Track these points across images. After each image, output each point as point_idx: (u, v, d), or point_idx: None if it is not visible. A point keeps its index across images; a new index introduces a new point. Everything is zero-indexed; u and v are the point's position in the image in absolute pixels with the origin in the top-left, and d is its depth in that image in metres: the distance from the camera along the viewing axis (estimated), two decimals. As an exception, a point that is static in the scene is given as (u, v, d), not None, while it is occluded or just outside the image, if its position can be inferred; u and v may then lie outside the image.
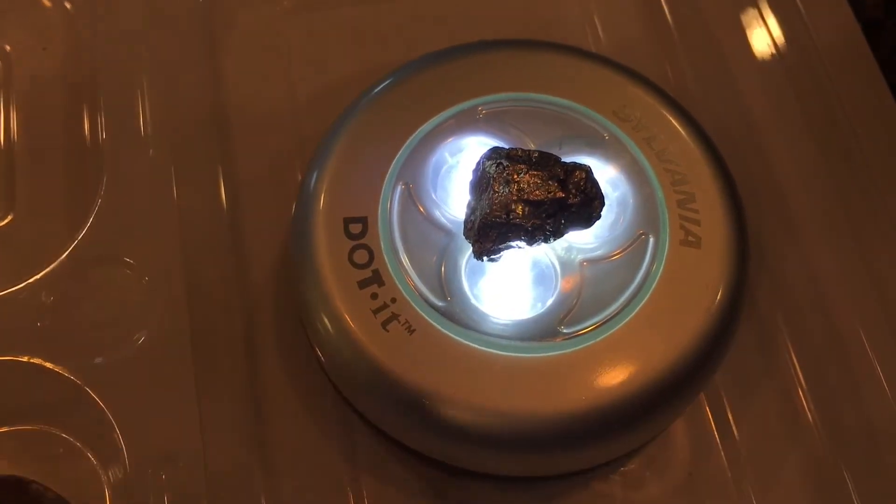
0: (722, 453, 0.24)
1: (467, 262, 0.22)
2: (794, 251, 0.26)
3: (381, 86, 0.25)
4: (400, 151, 0.23)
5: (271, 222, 0.26)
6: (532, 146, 0.23)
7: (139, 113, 0.26)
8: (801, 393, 0.24)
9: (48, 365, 0.22)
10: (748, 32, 0.29)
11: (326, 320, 0.22)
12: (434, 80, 0.24)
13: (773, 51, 0.28)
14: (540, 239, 0.21)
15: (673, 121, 0.24)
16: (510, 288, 0.22)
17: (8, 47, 0.28)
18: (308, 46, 0.29)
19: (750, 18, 0.29)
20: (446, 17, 0.29)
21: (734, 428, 0.24)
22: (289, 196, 0.25)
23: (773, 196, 0.27)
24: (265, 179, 0.27)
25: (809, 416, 0.24)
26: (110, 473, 0.22)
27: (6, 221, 0.25)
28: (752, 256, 0.23)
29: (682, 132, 0.24)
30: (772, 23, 0.29)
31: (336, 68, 0.28)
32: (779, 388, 0.24)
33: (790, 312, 0.25)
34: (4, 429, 0.22)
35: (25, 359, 0.22)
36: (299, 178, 0.26)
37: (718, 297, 0.22)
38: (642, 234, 0.23)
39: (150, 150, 0.25)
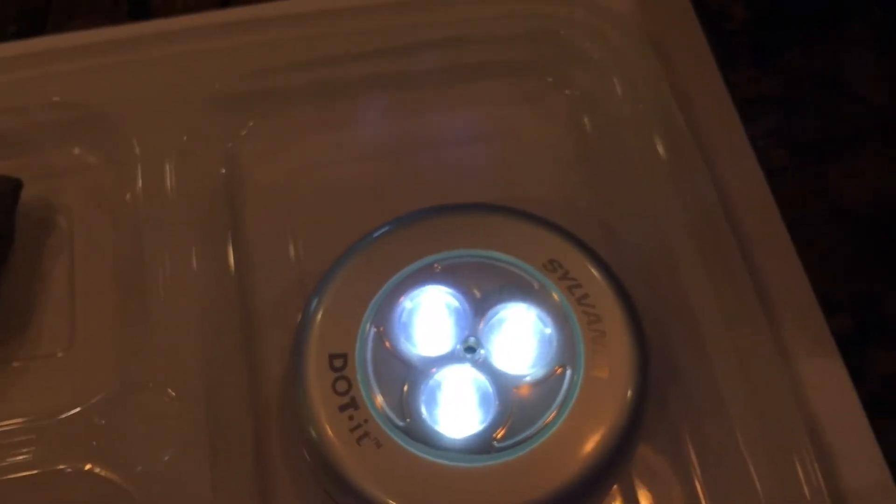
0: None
1: (424, 390, 0.29)
2: (700, 371, 0.32)
3: (361, 243, 0.31)
4: (373, 299, 0.30)
5: (277, 349, 0.32)
6: (478, 294, 0.30)
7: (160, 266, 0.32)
8: (698, 486, 0.30)
9: (102, 473, 0.28)
10: (663, 187, 0.35)
11: (315, 436, 0.28)
12: (402, 240, 0.31)
13: (684, 196, 0.34)
14: None
15: (592, 269, 0.30)
16: (456, 410, 0.29)
17: (68, 204, 0.35)
18: (310, 199, 0.35)
19: (665, 173, 0.35)
20: (423, 173, 0.36)
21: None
22: (291, 325, 0.31)
23: (685, 318, 0.32)
24: (273, 308, 0.33)
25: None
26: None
27: (68, 352, 0.32)
28: (655, 380, 0.29)
29: (599, 278, 0.30)
30: (684, 173, 0.35)
31: (334, 217, 0.35)
32: (681, 480, 0.30)
33: (693, 417, 0.31)
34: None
35: (87, 466, 0.28)
36: (301, 307, 0.33)
37: (621, 416, 0.28)
38: (562, 366, 0.29)
39: (180, 299, 0.31)
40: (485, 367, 0.29)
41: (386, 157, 0.36)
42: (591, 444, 0.28)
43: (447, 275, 0.30)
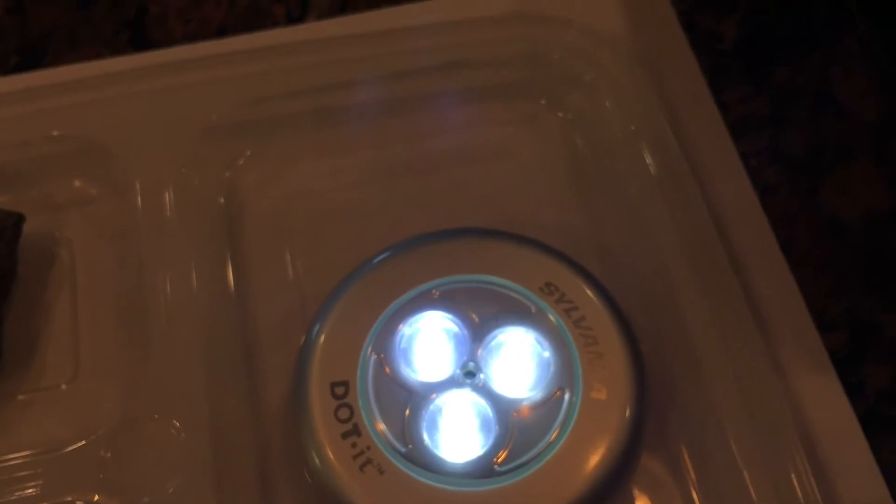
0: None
1: (425, 416, 0.29)
2: (697, 388, 0.32)
3: (360, 270, 0.32)
4: (373, 326, 0.30)
5: (279, 375, 0.32)
6: (476, 319, 0.30)
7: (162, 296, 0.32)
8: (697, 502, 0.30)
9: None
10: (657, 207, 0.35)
11: (318, 463, 0.28)
12: (400, 266, 0.31)
13: (677, 216, 0.35)
14: None
15: (587, 292, 0.31)
16: (457, 435, 0.29)
17: (70, 236, 0.35)
18: (308, 225, 0.36)
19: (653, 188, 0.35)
20: (419, 197, 0.36)
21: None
22: (293, 351, 0.32)
23: (681, 336, 0.33)
24: (274, 336, 0.34)
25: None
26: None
27: (72, 384, 0.32)
28: (653, 398, 0.30)
29: (595, 300, 0.31)
30: (676, 193, 0.35)
31: (333, 242, 0.35)
32: (681, 495, 0.30)
33: (691, 434, 0.31)
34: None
35: (95, 498, 0.29)
36: (302, 334, 0.33)
37: (621, 436, 0.28)
38: (560, 388, 0.29)
39: (182, 328, 0.32)
40: (484, 391, 0.29)
41: (382, 182, 0.37)
42: (591, 465, 0.28)
43: (445, 300, 0.31)
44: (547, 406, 0.29)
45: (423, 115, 0.38)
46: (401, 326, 0.30)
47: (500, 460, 0.28)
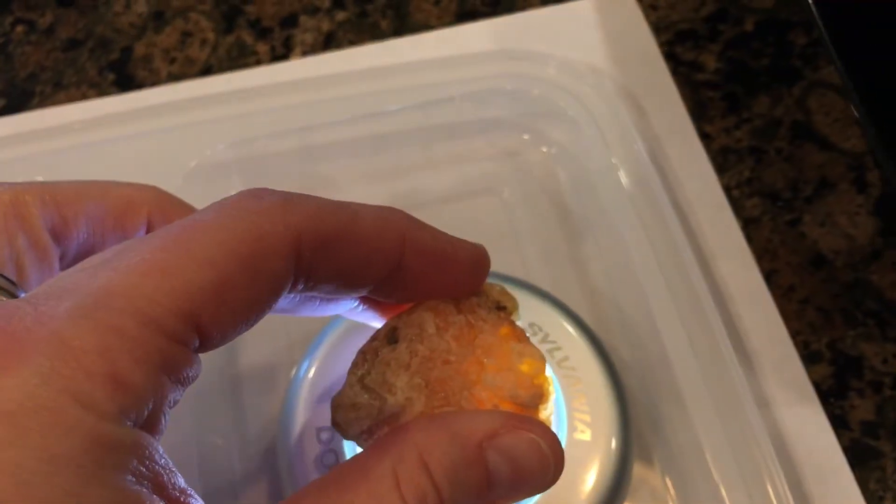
0: None
1: (410, 459, 0.29)
2: (681, 421, 0.32)
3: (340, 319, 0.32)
4: (358, 369, 0.30)
5: (265, 418, 0.32)
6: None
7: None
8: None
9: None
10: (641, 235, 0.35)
11: (304, 508, 0.29)
12: (385, 307, 0.32)
13: (659, 250, 0.35)
14: None
15: (570, 330, 0.31)
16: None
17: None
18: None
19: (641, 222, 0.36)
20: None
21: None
22: (280, 393, 0.32)
23: (666, 375, 0.33)
24: (261, 376, 0.34)
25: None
26: None
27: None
28: (638, 432, 0.30)
29: (578, 339, 0.31)
30: (659, 226, 0.35)
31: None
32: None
33: (676, 469, 0.31)
34: None
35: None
36: (289, 374, 0.33)
37: (606, 474, 0.29)
38: (545, 429, 0.29)
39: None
40: (469, 432, 0.30)
41: (368, 220, 0.37)
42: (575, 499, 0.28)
43: (429, 342, 0.31)
44: (531, 447, 0.29)
45: (406, 151, 0.38)
46: (385, 369, 0.30)
47: (485, 503, 0.28)
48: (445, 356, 0.23)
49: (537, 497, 0.28)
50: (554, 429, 0.29)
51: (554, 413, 0.29)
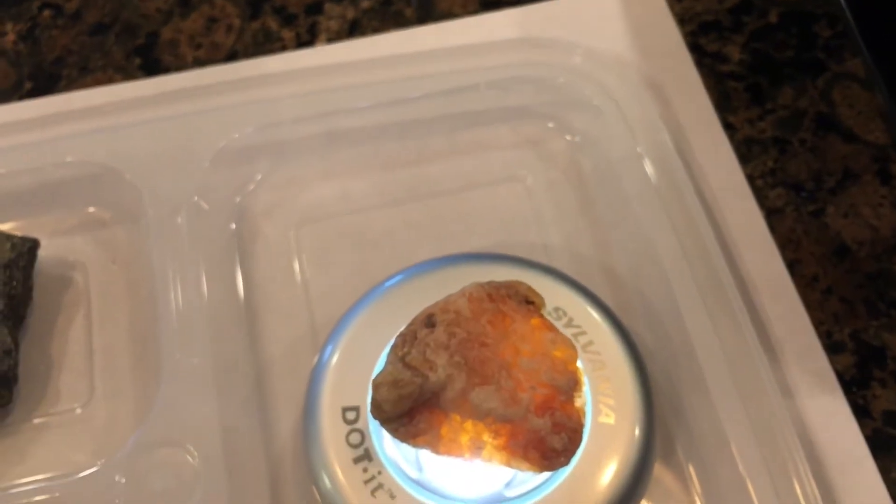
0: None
1: (435, 441, 0.29)
2: (705, 408, 0.32)
3: (371, 294, 0.32)
4: (383, 351, 0.30)
5: (291, 400, 0.33)
6: (485, 343, 0.31)
7: (174, 320, 0.33)
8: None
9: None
10: (668, 229, 0.35)
11: (329, 487, 0.29)
12: (410, 290, 0.32)
13: (684, 238, 0.35)
14: None
15: (595, 316, 0.31)
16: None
17: (84, 261, 0.36)
18: (319, 250, 0.36)
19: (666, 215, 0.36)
20: (428, 220, 0.37)
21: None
22: (304, 375, 0.32)
23: (688, 358, 0.33)
24: (284, 360, 0.34)
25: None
26: None
27: (87, 408, 0.33)
28: (661, 418, 0.30)
29: (602, 324, 0.31)
30: (683, 215, 0.35)
31: (343, 267, 0.36)
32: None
33: (699, 456, 0.32)
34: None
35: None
36: (313, 359, 0.33)
37: (629, 459, 0.29)
38: (570, 413, 0.29)
39: (195, 359, 0.32)
40: (494, 415, 0.30)
41: (390, 206, 0.37)
42: (600, 489, 0.28)
43: (455, 325, 0.31)
44: (556, 430, 0.29)
45: (430, 138, 0.39)
46: (411, 351, 0.31)
47: (510, 486, 0.28)
48: (482, 339, 0.24)
49: (562, 478, 0.28)
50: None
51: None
